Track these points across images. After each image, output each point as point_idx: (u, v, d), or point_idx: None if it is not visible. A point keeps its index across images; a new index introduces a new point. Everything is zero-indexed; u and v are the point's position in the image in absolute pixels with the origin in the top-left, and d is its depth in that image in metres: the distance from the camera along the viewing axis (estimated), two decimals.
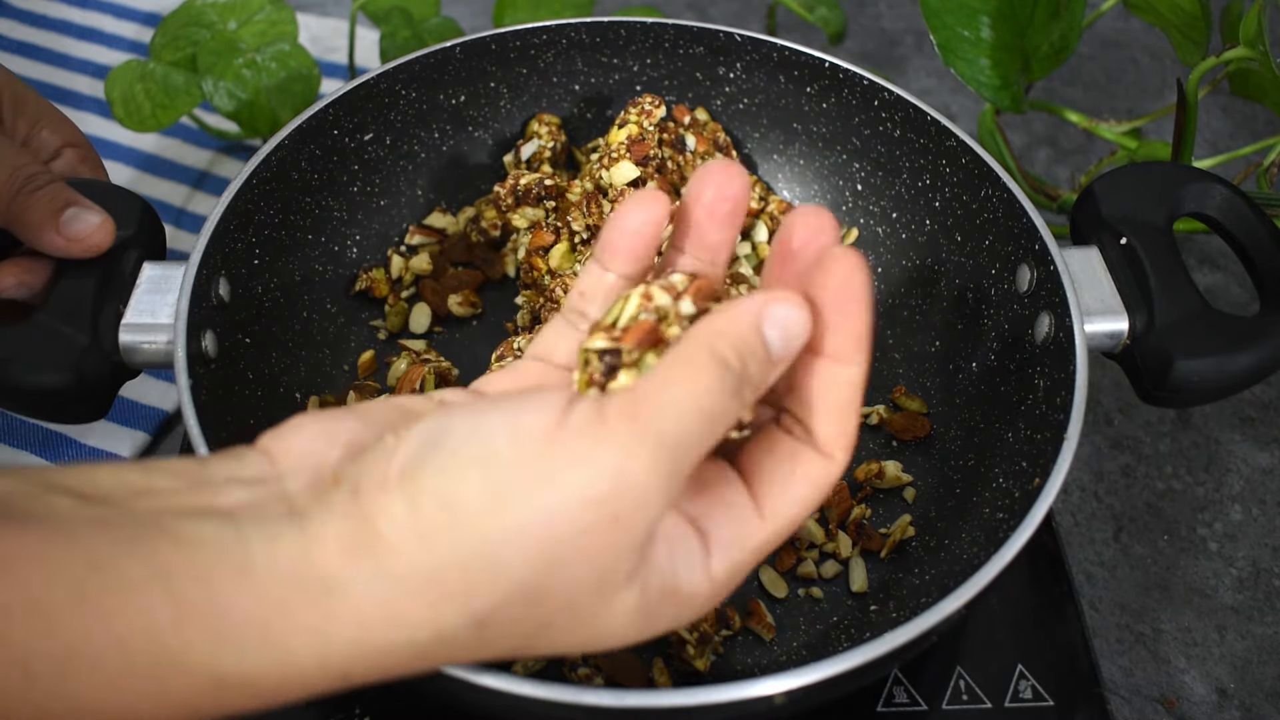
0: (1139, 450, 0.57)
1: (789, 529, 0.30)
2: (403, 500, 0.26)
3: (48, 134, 0.49)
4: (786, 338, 0.28)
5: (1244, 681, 0.49)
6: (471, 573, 0.26)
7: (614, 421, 0.26)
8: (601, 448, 0.26)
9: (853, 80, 0.54)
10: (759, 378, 0.28)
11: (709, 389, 0.27)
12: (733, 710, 0.34)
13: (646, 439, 0.26)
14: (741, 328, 0.28)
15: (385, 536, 0.26)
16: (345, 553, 0.26)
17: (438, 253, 0.57)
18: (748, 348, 0.28)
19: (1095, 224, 0.48)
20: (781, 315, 0.28)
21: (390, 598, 0.26)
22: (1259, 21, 0.51)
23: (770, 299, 0.28)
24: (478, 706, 0.35)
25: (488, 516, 0.26)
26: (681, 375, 0.27)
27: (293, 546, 0.26)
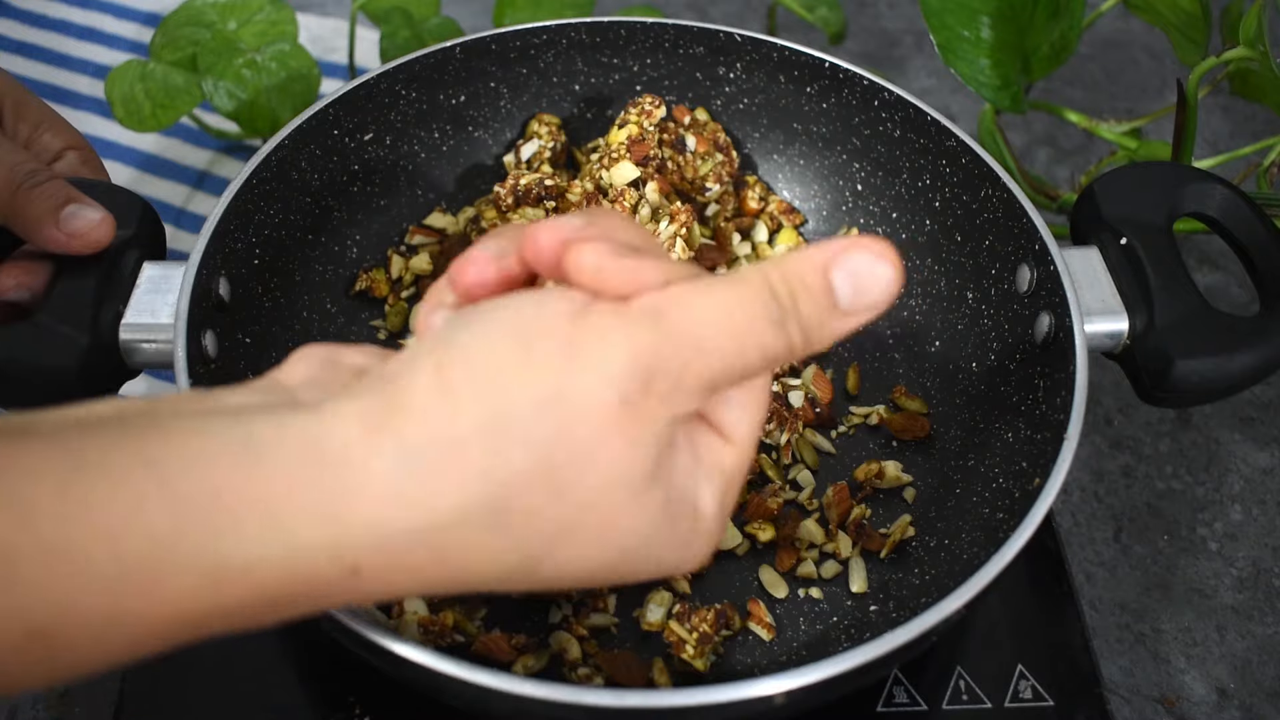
0: (1139, 450, 0.57)
1: (752, 449, 0.30)
2: (430, 363, 0.26)
3: (49, 137, 0.49)
4: (858, 289, 0.27)
5: (1244, 681, 0.49)
6: (494, 438, 0.25)
7: (637, 312, 0.26)
8: (616, 333, 0.26)
9: (853, 80, 0.54)
10: (813, 320, 0.27)
11: (744, 306, 0.26)
12: (733, 710, 0.34)
13: (663, 333, 0.26)
14: (803, 265, 0.27)
15: (409, 403, 0.25)
16: (365, 427, 0.25)
17: (438, 253, 0.57)
18: (802, 284, 0.27)
19: (1095, 224, 0.48)
20: (856, 264, 0.27)
21: (411, 475, 0.25)
22: (1259, 21, 0.51)
23: (851, 244, 0.27)
24: (478, 706, 0.35)
25: (513, 379, 0.25)
26: (715, 287, 0.27)
27: (304, 428, 0.25)
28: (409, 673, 0.34)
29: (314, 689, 0.44)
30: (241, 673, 0.45)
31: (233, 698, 0.44)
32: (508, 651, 0.43)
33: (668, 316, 0.26)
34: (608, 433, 0.26)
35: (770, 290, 0.27)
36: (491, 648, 0.43)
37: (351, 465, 0.24)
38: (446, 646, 0.43)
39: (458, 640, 0.44)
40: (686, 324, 0.26)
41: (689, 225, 0.52)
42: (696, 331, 0.26)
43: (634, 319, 0.26)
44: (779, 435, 0.50)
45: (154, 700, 0.44)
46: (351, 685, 0.44)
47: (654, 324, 0.26)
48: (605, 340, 0.26)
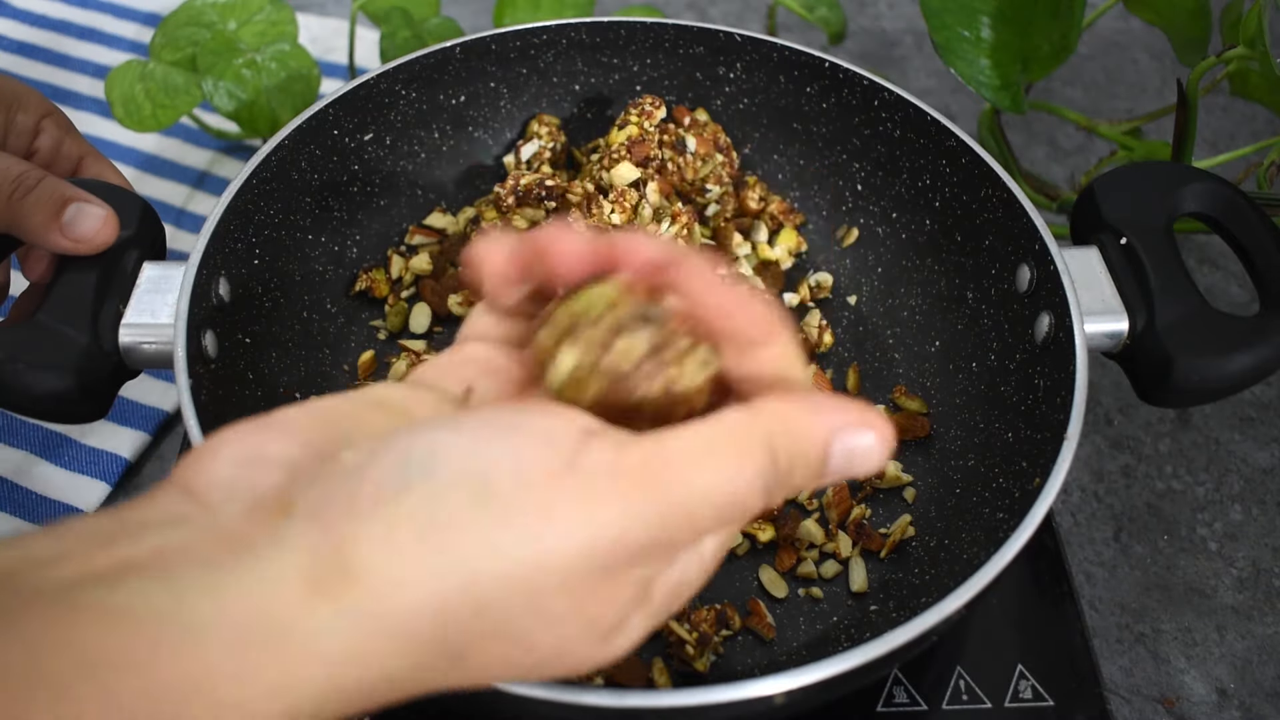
0: (1139, 450, 0.57)
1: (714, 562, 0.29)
2: (380, 527, 0.23)
3: (22, 116, 0.48)
4: (850, 462, 0.27)
5: (1244, 681, 0.49)
6: (452, 616, 0.23)
7: (630, 480, 0.24)
8: (608, 505, 0.24)
9: (853, 80, 0.54)
10: (799, 486, 0.27)
11: (745, 480, 0.25)
12: (733, 710, 0.34)
13: (658, 505, 0.24)
14: (810, 440, 0.26)
15: (356, 568, 0.22)
16: (309, 591, 0.22)
17: (438, 253, 0.57)
18: (804, 459, 0.26)
19: (1095, 224, 0.48)
20: (857, 443, 0.27)
21: (363, 639, 0.23)
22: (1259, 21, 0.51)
23: (858, 423, 0.27)
24: (478, 706, 0.35)
25: (475, 553, 0.23)
26: (722, 456, 0.25)
27: (242, 594, 0.22)
28: None
29: None
30: None
31: None
32: None
33: (665, 486, 0.24)
34: (583, 600, 0.24)
35: (773, 459, 0.25)
36: None
37: (293, 636, 0.22)
38: None
39: None
40: (684, 499, 0.24)
41: (690, 226, 0.52)
42: (693, 508, 0.24)
43: (629, 487, 0.24)
44: None
45: None
46: None
47: (649, 497, 0.24)
48: (594, 510, 0.24)
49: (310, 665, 0.22)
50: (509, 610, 0.24)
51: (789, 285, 0.58)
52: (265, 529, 0.23)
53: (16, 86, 0.49)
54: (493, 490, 0.23)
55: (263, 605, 0.22)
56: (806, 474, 0.26)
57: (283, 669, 0.22)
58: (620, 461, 0.24)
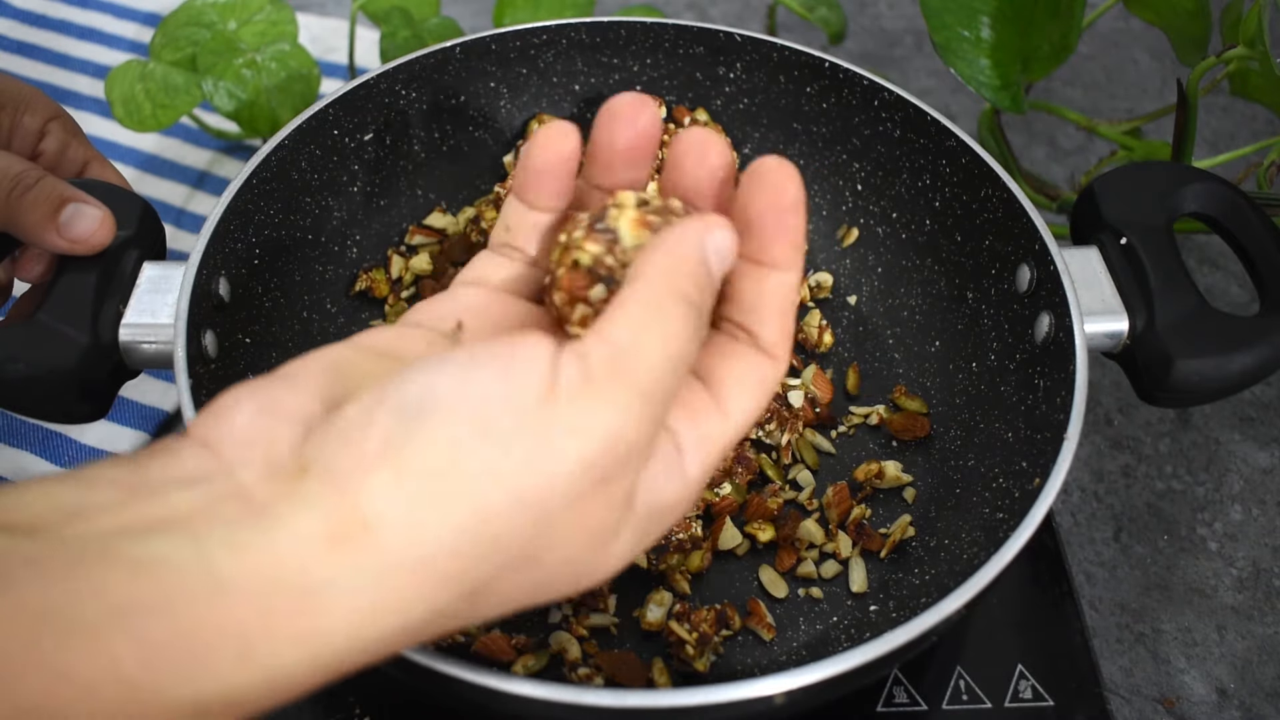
0: (1139, 450, 0.57)
1: (748, 424, 0.31)
2: (389, 476, 0.24)
3: (28, 118, 0.48)
4: (722, 262, 0.29)
5: (1244, 681, 0.49)
6: (466, 551, 0.24)
7: (602, 381, 0.26)
8: (595, 412, 0.25)
9: (853, 80, 0.54)
10: (708, 304, 0.29)
11: (679, 333, 0.27)
12: (733, 710, 0.34)
13: (633, 396, 0.26)
14: (694, 262, 0.28)
15: (372, 521, 0.24)
16: (328, 548, 0.24)
17: (438, 253, 0.57)
18: (704, 280, 0.28)
19: (1095, 224, 0.48)
20: (719, 241, 0.29)
21: (382, 588, 0.24)
22: (1259, 21, 0.51)
23: (708, 225, 0.29)
24: (478, 706, 0.35)
25: (484, 486, 0.24)
26: (654, 322, 0.27)
27: (265, 551, 0.23)
28: (409, 673, 0.34)
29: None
30: None
31: None
32: (508, 651, 0.43)
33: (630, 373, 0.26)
34: (583, 514, 0.26)
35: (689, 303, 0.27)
36: (491, 648, 0.43)
37: (318, 589, 0.23)
38: (446, 646, 0.43)
39: (458, 640, 0.44)
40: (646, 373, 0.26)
41: None
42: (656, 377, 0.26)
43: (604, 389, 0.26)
44: (779, 435, 0.50)
45: None
46: (351, 685, 0.44)
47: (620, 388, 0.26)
48: (580, 419, 0.25)
49: (333, 617, 0.23)
50: (522, 535, 0.25)
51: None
52: (283, 491, 0.24)
53: (24, 89, 0.49)
54: (489, 422, 0.24)
55: (285, 561, 0.23)
56: (708, 290, 0.29)
57: (306, 621, 0.23)
58: (589, 369, 0.26)
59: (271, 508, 0.24)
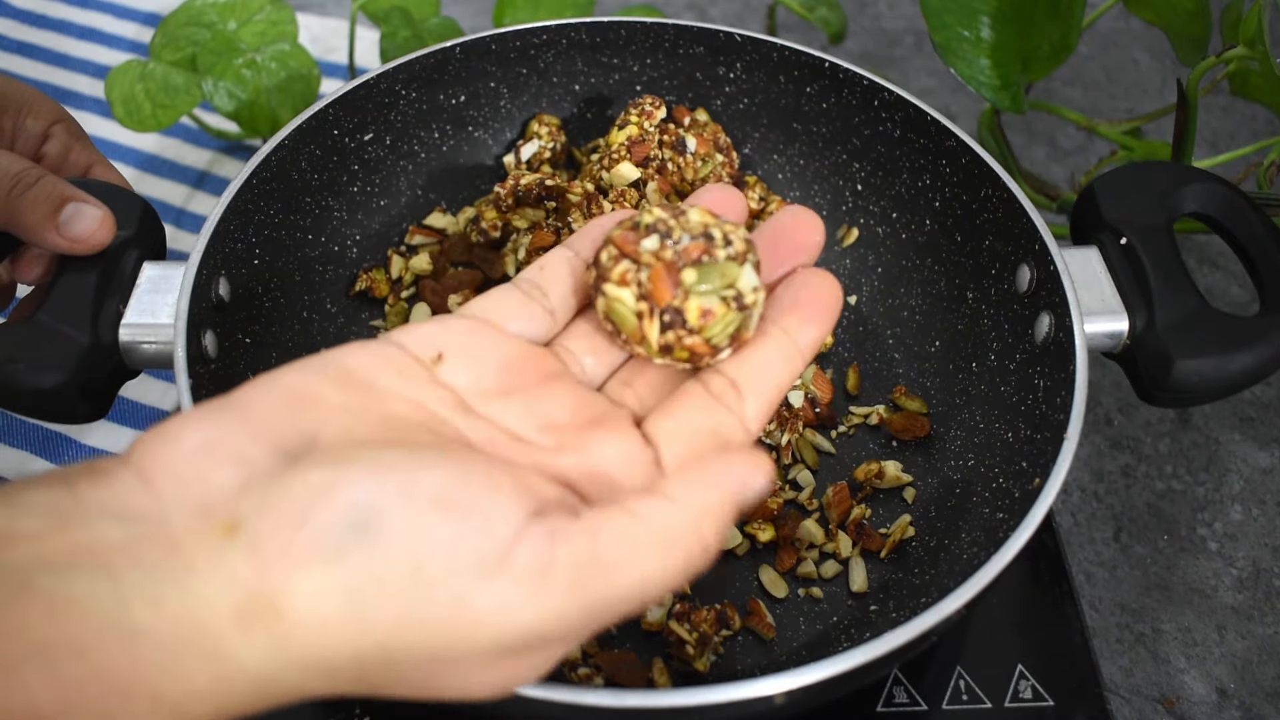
0: (1139, 450, 0.57)
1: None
2: (310, 582, 0.24)
3: (31, 121, 0.48)
4: (747, 503, 0.28)
5: (1244, 681, 0.49)
6: (367, 661, 0.25)
7: (556, 583, 0.25)
8: (530, 607, 0.25)
9: (853, 80, 0.54)
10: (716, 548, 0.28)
11: (666, 576, 0.26)
12: (733, 710, 0.33)
13: (579, 611, 0.25)
14: (729, 506, 0.27)
15: (285, 612, 0.24)
16: (238, 621, 0.24)
17: (438, 253, 0.57)
18: (726, 525, 0.27)
19: (1095, 224, 0.48)
20: (759, 486, 0.28)
21: (284, 671, 0.24)
22: (1259, 21, 0.51)
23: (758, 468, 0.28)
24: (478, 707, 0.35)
25: (395, 629, 0.24)
26: (652, 553, 0.26)
27: (178, 608, 0.23)
28: None
29: None
30: None
31: None
32: None
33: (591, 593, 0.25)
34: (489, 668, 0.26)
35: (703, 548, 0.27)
36: None
37: (226, 654, 0.24)
38: None
39: None
40: (606, 599, 0.26)
41: None
42: (614, 604, 0.26)
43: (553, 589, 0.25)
44: (779, 435, 0.50)
45: None
46: None
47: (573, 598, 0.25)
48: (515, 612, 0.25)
49: (237, 679, 0.24)
50: (423, 668, 0.25)
51: None
52: (208, 547, 0.24)
53: (27, 91, 0.49)
54: (423, 576, 0.24)
55: (196, 621, 0.23)
56: (726, 531, 0.28)
57: (212, 678, 0.24)
58: (552, 561, 0.25)
59: (192, 563, 0.24)
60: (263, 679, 0.24)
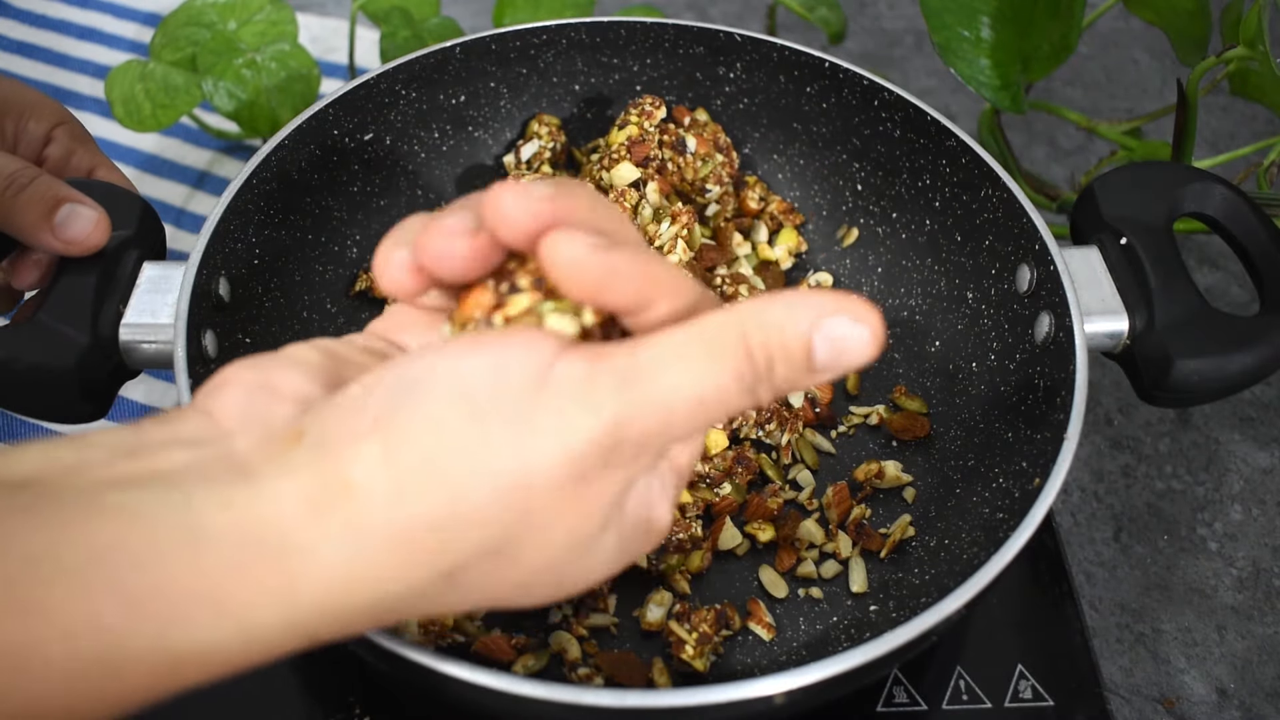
0: (1139, 450, 0.57)
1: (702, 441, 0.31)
2: (376, 447, 0.24)
3: (34, 124, 0.48)
4: (836, 353, 0.26)
5: (1244, 681, 0.49)
6: (445, 527, 0.24)
7: (603, 383, 0.25)
8: (583, 407, 0.24)
9: (853, 80, 0.54)
10: (786, 383, 0.26)
11: (718, 382, 0.25)
12: (733, 710, 0.34)
13: (633, 407, 0.25)
14: (786, 328, 0.26)
15: (357, 488, 0.24)
16: (310, 510, 0.24)
17: None
18: (783, 349, 0.26)
19: (1095, 224, 0.48)
20: (841, 331, 0.26)
21: (359, 556, 0.24)
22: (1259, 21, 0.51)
23: (837, 308, 0.26)
24: (477, 706, 0.35)
25: (465, 466, 0.24)
26: (695, 357, 0.25)
27: (247, 509, 0.24)
28: (409, 673, 0.34)
29: (314, 689, 0.44)
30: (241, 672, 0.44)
31: (232, 698, 0.44)
32: (508, 651, 0.43)
33: (637, 388, 0.25)
34: (565, 507, 0.25)
35: (749, 355, 0.25)
36: (491, 648, 0.43)
37: (297, 550, 0.24)
38: (446, 646, 0.43)
39: (458, 640, 0.44)
40: (657, 397, 0.25)
41: (690, 226, 0.52)
42: (667, 405, 0.25)
43: (600, 390, 0.25)
44: (779, 435, 0.50)
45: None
46: (351, 685, 0.44)
47: (621, 395, 0.25)
48: (567, 416, 0.24)
49: (308, 579, 0.24)
50: (500, 520, 0.25)
51: (789, 285, 0.58)
52: (276, 457, 0.25)
53: (31, 94, 0.49)
54: (477, 406, 0.24)
55: (267, 519, 0.24)
56: (791, 369, 0.26)
57: (282, 580, 0.24)
58: (594, 369, 0.25)
59: (260, 470, 0.24)
60: (335, 577, 0.24)
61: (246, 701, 0.44)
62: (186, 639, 0.23)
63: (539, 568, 0.26)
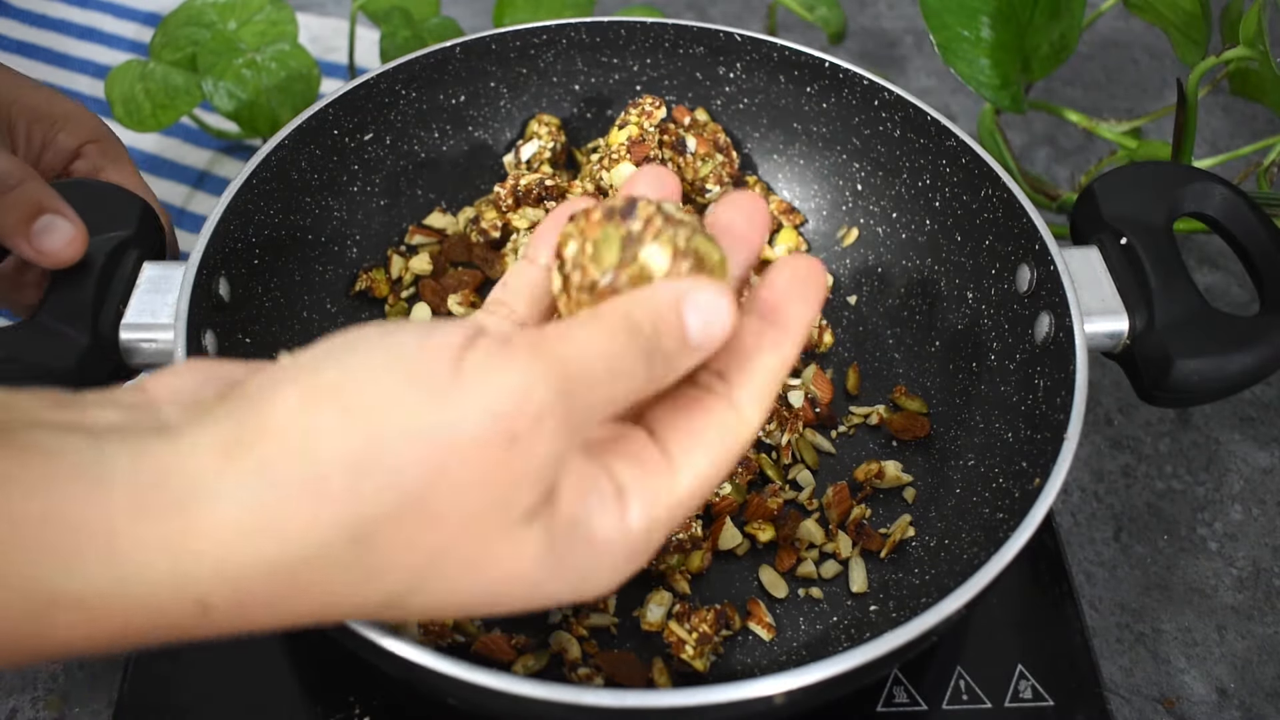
0: (1139, 450, 0.57)
1: (705, 485, 0.29)
2: (296, 392, 0.24)
3: (64, 136, 0.48)
4: (706, 323, 0.28)
5: (1244, 681, 0.49)
6: (358, 474, 0.24)
7: (518, 349, 0.26)
8: (505, 367, 0.25)
9: (853, 80, 0.54)
10: (674, 354, 0.28)
11: (615, 340, 0.27)
12: (733, 710, 0.33)
13: (550, 365, 0.26)
14: (658, 301, 0.28)
15: (272, 430, 0.24)
16: (222, 457, 0.24)
17: (438, 253, 0.57)
18: (663, 321, 0.28)
19: (1095, 224, 0.48)
20: (704, 301, 0.28)
21: (264, 506, 0.23)
22: (1259, 21, 0.51)
23: (695, 284, 0.29)
24: (477, 706, 0.35)
25: (384, 415, 0.24)
26: (591, 325, 0.27)
27: (157, 456, 0.23)
28: (409, 673, 0.34)
29: (314, 689, 0.44)
30: (241, 673, 0.45)
31: (232, 697, 0.44)
32: (508, 651, 0.43)
33: (548, 349, 0.26)
34: (486, 470, 0.25)
35: (636, 326, 0.27)
36: (491, 648, 0.43)
37: (199, 495, 0.23)
38: (446, 646, 0.43)
39: (458, 640, 0.44)
40: (568, 354, 0.26)
41: None
42: (578, 361, 0.26)
43: (516, 352, 0.26)
44: (779, 435, 0.50)
45: (153, 700, 0.44)
46: (351, 685, 0.44)
47: (535, 357, 0.26)
48: (490, 374, 0.25)
49: (206, 528, 0.23)
50: (416, 475, 0.24)
51: None
52: (198, 415, 0.25)
53: (67, 106, 0.49)
54: (402, 360, 0.25)
55: (176, 468, 0.23)
56: (673, 340, 0.28)
57: (178, 527, 0.23)
58: (512, 339, 0.26)
59: (180, 427, 0.25)
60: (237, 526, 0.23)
61: (246, 701, 0.44)
62: (66, 575, 0.22)
63: (456, 533, 0.25)
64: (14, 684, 0.47)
